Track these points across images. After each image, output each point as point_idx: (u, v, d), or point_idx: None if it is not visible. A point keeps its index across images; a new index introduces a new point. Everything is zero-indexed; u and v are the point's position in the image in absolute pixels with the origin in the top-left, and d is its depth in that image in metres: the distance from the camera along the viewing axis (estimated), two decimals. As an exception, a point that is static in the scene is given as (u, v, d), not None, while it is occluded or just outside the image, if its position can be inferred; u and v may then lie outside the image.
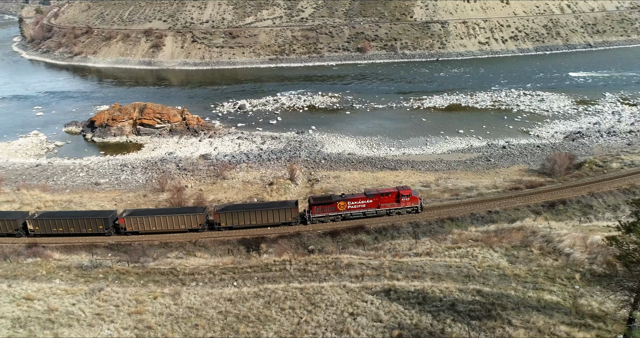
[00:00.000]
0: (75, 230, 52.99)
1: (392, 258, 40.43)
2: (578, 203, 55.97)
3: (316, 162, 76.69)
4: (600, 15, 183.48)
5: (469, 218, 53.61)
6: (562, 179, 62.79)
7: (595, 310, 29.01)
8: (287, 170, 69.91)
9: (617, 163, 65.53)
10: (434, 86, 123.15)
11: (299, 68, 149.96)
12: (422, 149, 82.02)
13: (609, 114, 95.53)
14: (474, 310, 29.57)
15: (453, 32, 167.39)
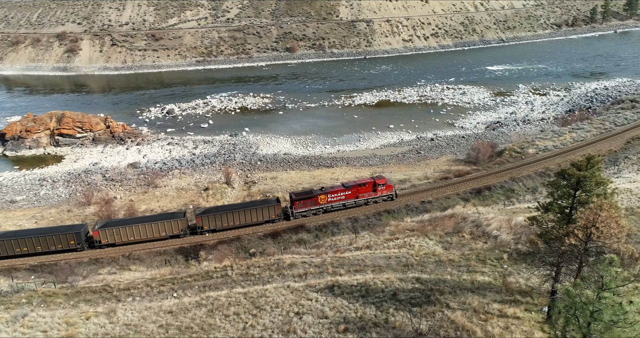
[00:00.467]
0: (43, 248, 49.41)
1: (334, 255, 40.94)
2: (501, 188, 59.96)
3: (252, 164, 75.81)
4: (509, 12, 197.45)
5: (404, 209, 55.57)
6: (486, 167, 66.93)
7: (522, 286, 31.18)
8: (223, 174, 68.48)
9: (532, 149, 70.90)
10: (363, 83, 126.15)
11: (228, 69, 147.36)
12: (356, 145, 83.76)
13: (523, 103, 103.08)
14: (414, 297, 30.69)
15: (378, 30, 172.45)
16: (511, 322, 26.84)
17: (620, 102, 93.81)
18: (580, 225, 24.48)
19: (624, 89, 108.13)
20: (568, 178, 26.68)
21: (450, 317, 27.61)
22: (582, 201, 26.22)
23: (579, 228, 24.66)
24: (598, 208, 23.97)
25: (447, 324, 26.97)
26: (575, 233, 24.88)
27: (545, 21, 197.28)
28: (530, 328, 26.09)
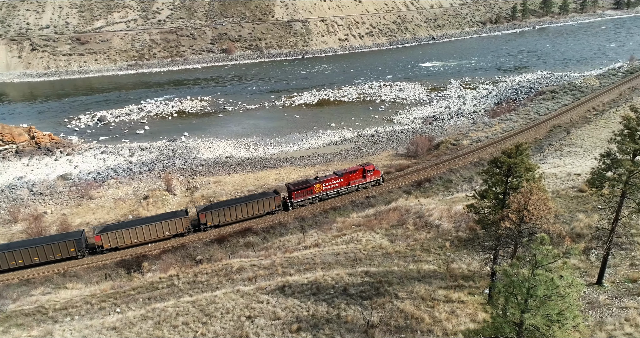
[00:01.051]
0: (41, 258, 46.71)
1: (283, 255, 40.70)
2: (440, 180, 62.35)
3: (193, 169, 73.66)
4: (438, 11, 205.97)
5: (349, 205, 56.29)
6: (425, 160, 69.31)
7: (465, 272, 32.58)
8: (163, 181, 65.97)
9: (467, 140, 74.33)
10: (303, 83, 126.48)
11: (162, 73, 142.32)
12: (299, 145, 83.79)
13: (455, 98, 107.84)
14: (364, 291, 31.17)
15: (314, 30, 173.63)
16: (456, 306, 27.95)
17: (542, 93, 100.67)
18: (513, 209, 25.90)
19: (544, 81, 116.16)
20: (500, 166, 28.14)
21: (399, 306, 28.30)
22: (514, 186, 27.76)
23: (512, 212, 26.09)
24: (528, 192, 25.48)
25: (397, 314, 27.61)
26: (509, 216, 26.31)
27: (471, 19, 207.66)
28: (474, 311, 27.29)
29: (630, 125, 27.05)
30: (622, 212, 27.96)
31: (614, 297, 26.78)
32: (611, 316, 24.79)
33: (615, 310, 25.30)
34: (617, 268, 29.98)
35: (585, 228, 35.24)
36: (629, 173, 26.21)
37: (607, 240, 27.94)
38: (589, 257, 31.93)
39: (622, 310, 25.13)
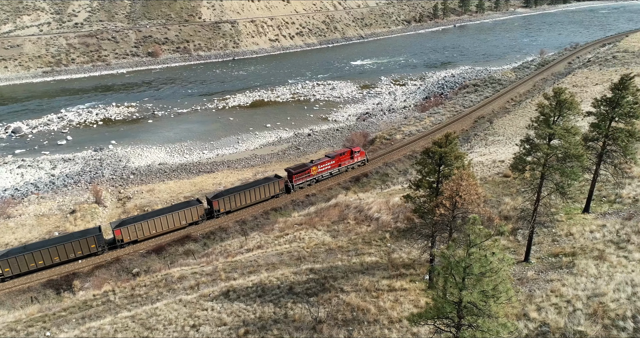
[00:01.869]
0: (62, 258, 46.04)
1: (225, 260, 39.73)
2: (377, 174, 63.91)
3: (124, 178, 70.02)
4: (365, 10, 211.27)
5: (290, 205, 56.16)
6: (361, 155, 70.65)
7: (405, 260, 33.56)
8: (91, 193, 62.14)
9: (399, 135, 76.81)
10: (235, 85, 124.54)
11: (83, 79, 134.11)
12: (235, 147, 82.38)
13: (386, 94, 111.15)
14: (310, 288, 31.14)
15: (244, 31, 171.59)
16: (400, 294, 28.70)
17: (466, 87, 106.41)
18: (446, 196, 27.03)
19: (467, 75, 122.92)
20: (432, 156, 29.24)
21: (345, 300, 28.57)
22: (446, 174, 28.97)
23: (446, 198, 27.22)
24: (459, 179, 26.71)
25: (343, 307, 27.85)
26: (443, 203, 27.42)
27: (397, 18, 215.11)
28: (416, 297, 28.16)
29: (545, 112, 29.17)
30: (542, 193, 30.06)
31: (540, 272, 28.77)
32: (539, 289, 26.60)
33: (542, 284, 27.18)
34: (541, 245, 32.24)
35: (512, 211, 37.59)
36: (546, 156, 28.21)
37: (531, 220, 29.94)
38: (516, 237, 34.08)
39: (548, 283, 27.05)
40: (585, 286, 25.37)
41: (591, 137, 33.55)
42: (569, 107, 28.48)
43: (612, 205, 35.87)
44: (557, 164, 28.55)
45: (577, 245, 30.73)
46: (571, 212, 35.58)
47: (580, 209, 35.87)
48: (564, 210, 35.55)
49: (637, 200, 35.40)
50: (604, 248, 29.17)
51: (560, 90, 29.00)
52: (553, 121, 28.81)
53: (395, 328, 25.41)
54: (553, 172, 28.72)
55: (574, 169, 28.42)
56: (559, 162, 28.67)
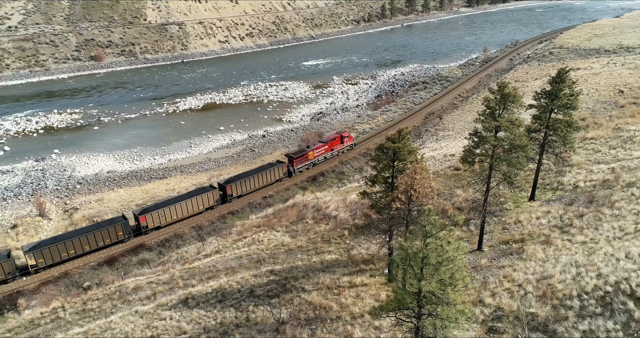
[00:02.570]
0: (92, 246, 47.61)
1: (182, 267, 38.65)
2: (333, 172, 64.30)
3: (69, 189, 66.57)
4: (315, 11, 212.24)
5: (247, 208, 55.43)
6: (317, 155, 70.80)
7: (364, 256, 33.90)
8: (34, 205, 58.67)
9: (354, 133, 77.56)
10: (185, 88, 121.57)
11: (20, 86, 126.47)
12: (188, 151, 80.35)
13: (339, 93, 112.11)
14: (271, 289, 30.82)
15: (192, 32, 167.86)
16: (360, 289, 28.94)
17: (415, 84, 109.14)
18: (402, 190, 27.51)
19: (416, 73, 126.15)
20: (386, 152, 29.70)
21: (307, 299, 28.49)
22: (400, 169, 29.51)
23: (401, 192, 27.69)
24: (413, 173, 27.25)
25: (305, 307, 27.76)
26: (399, 197, 27.88)
27: (346, 18, 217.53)
28: (377, 291, 28.50)
29: (491, 105, 30.33)
30: (491, 184, 31.24)
31: (492, 259, 29.88)
32: (492, 276, 27.62)
33: (495, 270, 28.25)
34: (492, 233, 33.52)
35: (463, 202, 38.85)
36: (493, 147, 29.34)
37: (482, 210, 31.06)
38: (469, 227, 35.24)
39: (500, 269, 28.15)
40: (534, 270, 26.57)
41: (533, 128, 35.21)
42: (512, 100, 29.76)
43: (555, 192, 37.83)
44: (503, 155, 29.76)
45: (525, 231, 32.16)
46: (518, 200, 37.21)
47: (526, 197, 37.58)
48: (511, 199, 37.14)
49: (577, 186, 37.51)
50: (550, 233, 30.68)
51: (503, 84, 30.24)
52: (498, 114, 30.01)
53: (358, 323, 25.58)
54: (500, 163, 29.92)
55: (520, 159, 29.74)
56: (505, 153, 29.89)
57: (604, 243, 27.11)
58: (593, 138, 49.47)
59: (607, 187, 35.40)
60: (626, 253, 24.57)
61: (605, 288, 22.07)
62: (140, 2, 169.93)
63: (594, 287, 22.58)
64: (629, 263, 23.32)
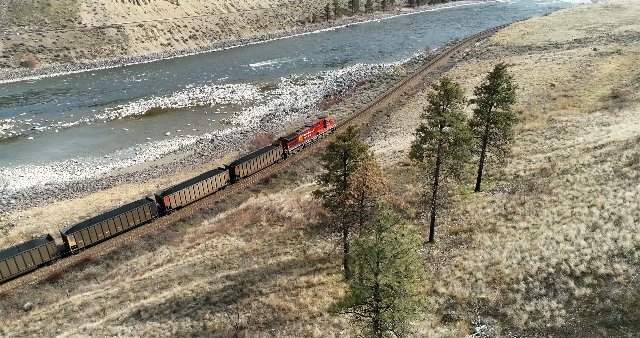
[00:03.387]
0: (124, 227, 50.16)
1: (133, 279, 37.06)
2: (286, 174, 64.03)
3: (3, 204, 62.12)
4: (259, 12, 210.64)
5: (199, 214, 54.06)
6: (268, 156, 70.22)
7: (320, 255, 33.97)
8: (-37, 223, 54.23)
9: (304, 133, 77.58)
10: (127, 93, 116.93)
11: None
12: (133, 159, 77.26)
13: (288, 94, 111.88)
14: (228, 295, 30.18)
15: (132, 36, 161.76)
16: (318, 288, 28.96)
17: (362, 83, 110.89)
18: (354, 187, 27.80)
19: (363, 73, 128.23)
20: (337, 150, 29.90)
21: (265, 302, 28.14)
22: (352, 167, 29.82)
23: (354, 189, 27.98)
24: (365, 170, 27.61)
25: (264, 310, 27.40)
26: (352, 194, 28.15)
27: (291, 19, 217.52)
28: (334, 289, 28.62)
29: (435, 101, 31.30)
30: (439, 177, 32.25)
31: (443, 250, 30.85)
32: (444, 266, 28.50)
33: (446, 260, 29.17)
34: (442, 225, 34.62)
35: (414, 196, 39.87)
36: (439, 142, 30.29)
37: (432, 203, 32.00)
38: (420, 220, 36.21)
39: (451, 259, 29.10)
40: (483, 257, 27.67)
41: (476, 122, 36.71)
42: (455, 96, 30.86)
43: (498, 182, 39.63)
44: (449, 149, 30.80)
45: (473, 221, 33.45)
46: (465, 192, 38.66)
47: (472, 189, 39.12)
48: (459, 191, 38.55)
49: (518, 175, 39.50)
50: (495, 222, 32.09)
51: (446, 80, 31.29)
52: (443, 109, 31.02)
53: (317, 322, 25.56)
54: (447, 156, 30.95)
55: (465, 152, 30.90)
56: (451, 147, 30.96)
57: (545, 227, 28.67)
58: (530, 129, 52.30)
59: (544, 175, 37.52)
60: (564, 236, 26.09)
61: (547, 270, 23.32)
62: (73, 4, 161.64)
63: (537, 270, 23.79)
64: (567, 245, 24.77)
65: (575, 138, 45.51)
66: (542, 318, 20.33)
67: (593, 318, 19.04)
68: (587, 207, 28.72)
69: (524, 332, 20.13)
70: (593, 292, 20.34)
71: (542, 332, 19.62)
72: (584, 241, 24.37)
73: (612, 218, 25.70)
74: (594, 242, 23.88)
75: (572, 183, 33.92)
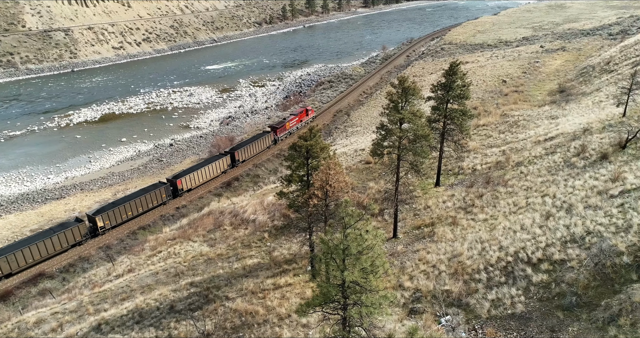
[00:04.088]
0: (143, 208, 53.08)
1: (92, 292, 35.54)
2: (248, 176, 63.35)
3: (-54, 219, 58.25)
4: (215, 13, 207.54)
5: (160, 220, 52.61)
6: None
7: (286, 256, 33.78)
8: None
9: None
10: (79, 99, 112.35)
11: None
12: (88, 167, 74.26)
13: (247, 96, 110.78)
14: (193, 302, 29.49)
15: (81, 39, 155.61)
16: (285, 290, 28.78)
17: (322, 83, 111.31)
18: (317, 187, 27.81)
19: (322, 73, 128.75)
20: (299, 150, 29.81)
21: (232, 307, 27.68)
22: (314, 166, 29.81)
23: (317, 189, 27.99)
24: (327, 169, 27.66)
25: (231, 315, 26.96)
26: (315, 194, 28.15)
27: (247, 20, 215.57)
28: (302, 289, 28.52)
29: (394, 99, 31.79)
30: (400, 173, 32.78)
31: (407, 245, 31.38)
32: (409, 260, 28.99)
33: (410, 255, 29.68)
34: (405, 220, 35.22)
35: (377, 194, 40.35)
36: (399, 139, 30.78)
37: (394, 199, 32.48)
38: (384, 216, 36.67)
39: (415, 253, 29.65)
40: (445, 250, 28.35)
41: (433, 118, 37.59)
42: (412, 93, 31.46)
43: (457, 177, 40.75)
44: (409, 146, 31.37)
45: (434, 215, 34.21)
46: (426, 187, 39.50)
47: (432, 184, 40.02)
48: (420, 186, 39.34)
49: (475, 169, 40.75)
50: (456, 215, 32.95)
51: (404, 79, 31.84)
52: (401, 107, 31.56)
53: (286, 324, 25.39)
54: (407, 153, 31.50)
55: (424, 148, 31.55)
56: (410, 143, 31.53)
57: (502, 218, 29.70)
58: (485, 124, 54.10)
59: (500, 168, 38.88)
60: (521, 225, 27.11)
61: (506, 259, 24.14)
62: (16, 6, 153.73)
63: (497, 259, 24.59)
64: (524, 234, 25.75)
65: (527, 131, 47.44)
66: (504, 306, 21.02)
67: (550, 303, 19.85)
68: (541, 196, 29.96)
69: (487, 320, 20.74)
70: (549, 278, 21.21)
71: (504, 319, 20.27)
72: (539, 229, 25.40)
73: (564, 207, 26.92)
74: (548, 229, 24.92)
75: (526, 174, 35.30)
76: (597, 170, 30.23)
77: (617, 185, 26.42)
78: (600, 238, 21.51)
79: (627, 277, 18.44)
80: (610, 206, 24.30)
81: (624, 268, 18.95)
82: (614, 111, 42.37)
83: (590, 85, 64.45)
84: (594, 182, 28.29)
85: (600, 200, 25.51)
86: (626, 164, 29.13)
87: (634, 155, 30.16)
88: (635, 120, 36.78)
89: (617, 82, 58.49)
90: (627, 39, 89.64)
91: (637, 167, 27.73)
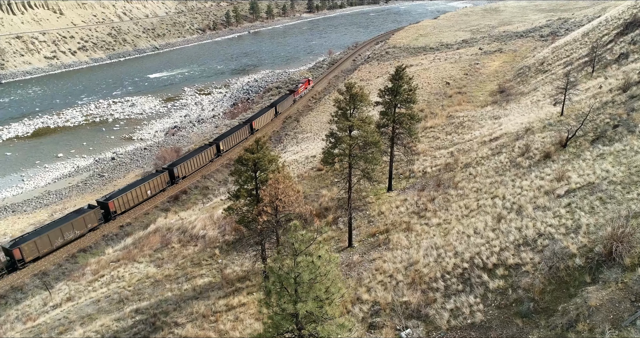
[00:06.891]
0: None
1: (25, 327, 32.35)
2: (196, 188, 60.83)
3: None
4: (155, 20, 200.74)
5: (102, 241, 49.20)
6: (177, 172, 66.28)
7: (239, 273, 32.20)
8: None
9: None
10: (7, 113, 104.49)
11: None
12: (20, 187, 68.78)
13: (193, 105, 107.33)
14: (138, 332, 27.33)
15: (9, 49, 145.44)
16: (239, 310, 27.26)
17: (269, 89, 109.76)
18: (267, 202, 26.57)
19: (269, 79, 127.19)
20: (246, 163, 28.44)
21: (181, 334, 25.84)
22: (263, 180, 28.54)
23: (266, 204, 26.74)
24: (276, 182, 26.48)
25: (180, 344, 25.10)
26: (265, 210, 26.90)
27: (190, 27, 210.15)
28: (256, 309, 27.09)
29: (341, 106, 31.14)
30: (353, 181, 32.14)
31: (363, 254, 30.70)
32: (365, 271, 28.27)
33: (367, 265, 28.99)
34: (360, 228, 34.58)
35: (330, 201, 39.54)
36: (349, 146, 30.12)
37: (348, 207, 31.76)
38: (338, 225, 35.88)
39: (371, 262, 28.99)
40: (402, 258, 27.85)
41: (382, 123, 37.32)
42: (360, 100, 30.93)
43: (408, 180, 40.72)
44: (360, 152, 30.78)
45: (388, 221, 33.80)
46: (378, 192, 39.14)
47: (385, 189, 39.74)
48: (372, 192, 38.92)
49: (426, 172, 40.90)
50: (409, 220, 32.68)
51: (351, 85, 31.27)
52: (350, 114, 30.95)
53: (241, 349, 23.90)
54: (358, 160, 30.90)
55: (375, 155, 31.06)
56: (361, 150, 30.96)
57: (455, 222, 29.67)
58: (432, 126, 54.83)
59: (449, 170, 39.19)
60: (474, 229, 27.11)
61: (462, 265, 23.92)
62: None
63: (453, 266, 24.33)
64: (477, 238, 25.70)
65: (473, 132, 48.40)
66: (463, 315, 20.66)
67: (508, 310, 19.66)
68: (491, 198, 30.21)
69: (447, 331, 20.29)
70: (505, 283, 21.09)
71: (464, 329, 19.89)
72: (492, 233, 25.43)
73: (514, 208, 27.18)
74: (500, 233, 24.99)
75: (475, 176, 35.69)
76: (542, 169, 30.89)
77: (563, 184, 26.99)
78: (551, 240, 21.68)
79: (581, 279, 18.53)
80: (558, 206, 24.69)
81: (577, 271, 19.06)
82: (552, 110, 43.97)
83: (528, 85, 67.17)
84: (540, 182, 28.81)
85: (548, 201, 25.92)
86: (569, 163, 29.94)
87: (575, 153, 31.12)
88: (572, 119, 38.19)
89: (552, 81, 61.21)
90: (557, 40, 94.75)
91: (579, 165, 28.53)
